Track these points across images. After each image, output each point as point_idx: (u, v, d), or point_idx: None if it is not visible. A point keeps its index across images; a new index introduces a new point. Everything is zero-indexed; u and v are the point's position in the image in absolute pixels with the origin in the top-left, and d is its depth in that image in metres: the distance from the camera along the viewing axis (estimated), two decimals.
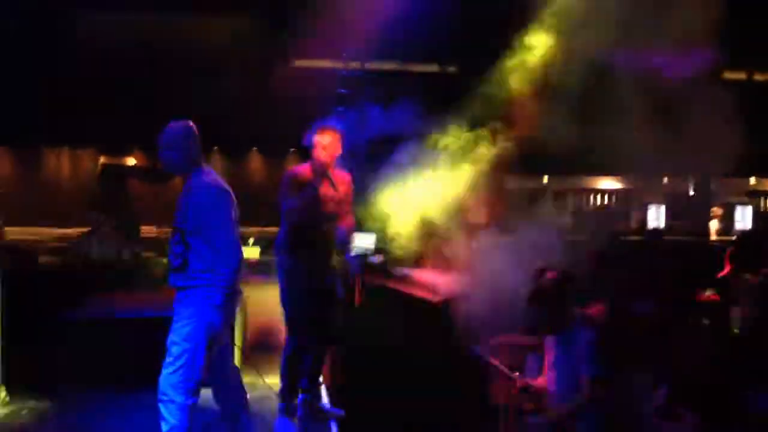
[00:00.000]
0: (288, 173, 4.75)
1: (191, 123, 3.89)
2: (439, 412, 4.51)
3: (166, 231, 12.93)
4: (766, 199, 15.16)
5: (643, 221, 12.44)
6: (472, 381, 4.56)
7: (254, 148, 15.04)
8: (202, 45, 12.19)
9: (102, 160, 14.24)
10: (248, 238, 8.21)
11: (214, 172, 3.95)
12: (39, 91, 11.07)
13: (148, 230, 11.02)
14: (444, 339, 4.74)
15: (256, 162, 15.25)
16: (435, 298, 5.32)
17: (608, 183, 13.06)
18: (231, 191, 3.90)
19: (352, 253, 6.16)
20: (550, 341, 3.95)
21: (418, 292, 5.54)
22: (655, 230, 10.18)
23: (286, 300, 4.68)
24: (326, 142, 4.62)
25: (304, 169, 4.70)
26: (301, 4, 9.36)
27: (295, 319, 4.66)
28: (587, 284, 4.57)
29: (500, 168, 6.28)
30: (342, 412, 4.84)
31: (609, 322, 4.17)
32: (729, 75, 11.24)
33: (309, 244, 4.65)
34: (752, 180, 14.78)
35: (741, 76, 11.74)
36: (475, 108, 6.60)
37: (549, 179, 12.23)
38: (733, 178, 14.27)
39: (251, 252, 8.04)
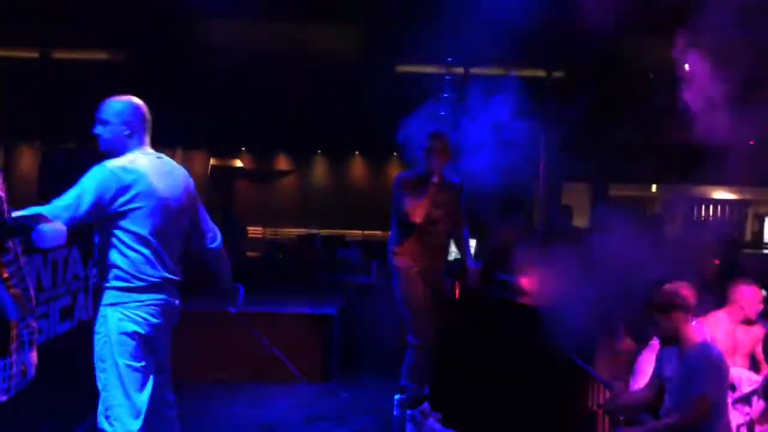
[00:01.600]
0: (400, 177, 4.85)
1: (138, 101, 3.24)
2: (533, 414, 4.51)
3: (273, 231, 13.45)
4: None
5: (759, 233, 11.86)
6: (566, 385, 4.54)
7: (357, 152, 15.30)
8: (308, 52, 12.54)
9: (212, 161, 14.87)
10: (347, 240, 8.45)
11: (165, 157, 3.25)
12: (156, 95, 11.70)
13: (254, 230, 11.43)
14: (539, 342, 4.74)
15: (358, 166, 15.51)
16: (532, 302, 5.32)
17: (721, 194, 12.54)
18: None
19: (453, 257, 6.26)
20: (665, 353, 3.86)
21: (516, 297, 5.55)
22: None
23: (403, 302, 4.78)
24: (438, 148, 4.71)
25: (415, 174, 4.80)
26: (404, 10, 9.51)
27: (415, 321, 4.76)
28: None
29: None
30: (439, 416, 4.92)
31: None
32: None
33: (423, 247, 4.75)
34: None
35: None
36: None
37: (657, 188, 11.87)
38: None
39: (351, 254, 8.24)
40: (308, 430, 4.81)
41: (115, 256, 3.00)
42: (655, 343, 4.10)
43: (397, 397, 4.85)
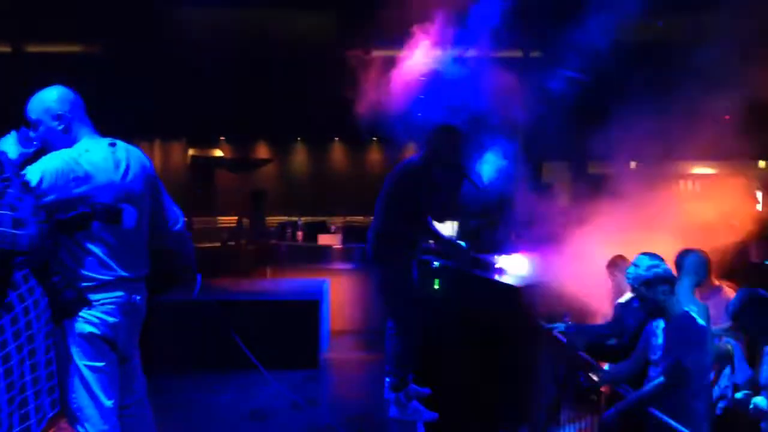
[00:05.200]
0: (413, 168, 4.79)
1: (63, 90, 3.02)
2: (517, 389, 4.55)
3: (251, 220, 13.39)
4: None
5: None
6: (549, 362, 4.58)
7: (336, 139, 15.25)
8: (283, 38, 12.44)
9: (191, 152, 14.76)
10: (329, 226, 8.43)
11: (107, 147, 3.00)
12: (131, 84, 11.55)
13: (232, 220, 11.38)
14: (523, 321, 4.77)
15: (338, 152, 15.47)
16: (517, 282, 5.35)
17: (701, 169, 12.63)
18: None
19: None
20: (651, 326, 3.89)
21: (501, 277, 5.57)
22: None
23: (399, 292, 4.76)
24: (450, 140, 4.73)
25: (423, 163, 4.77)
26: None
27: (408, 310, 4.76)
28: None
29: None
30: (429, 391, 4.94)
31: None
32: None
33: (418, 236, 4.79)
34: None
35: None
36: None
37: (637, 165, 11.87)
38: None
39: (331, 239, 8.23)
40: (297, 416, 4.81)
41: (64, 256, 2.83)
42: None
43: (387, 380, 4.86)
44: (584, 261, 5.29)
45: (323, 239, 8.42)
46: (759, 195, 11.26)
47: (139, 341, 3.12)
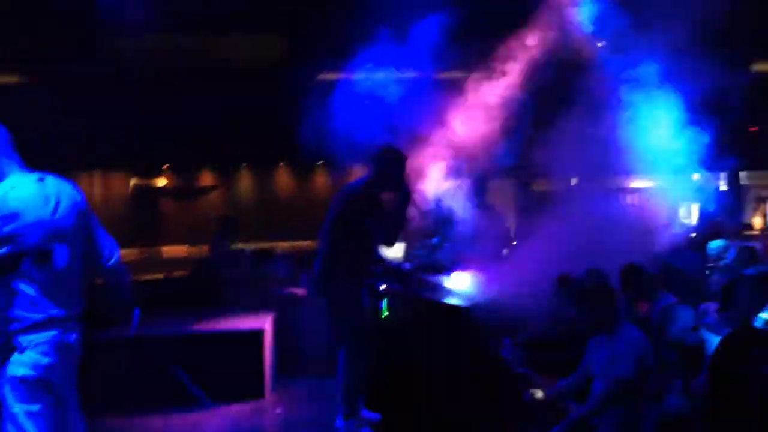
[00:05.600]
0: (363, 191, 4.76)
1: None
2: (466, 412, 4.53)
3: (199, 249, 13.17)
4: None
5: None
6: (495, 381, 4.57)
7: (282, 163, 15.15)
8: (227, 63, 12.34)
9: (133, 182, 14.46)
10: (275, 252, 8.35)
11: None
12: (70, 114, 11.30)
13: (178, 250, 11.16)
14: (469, 341, 4.77)
15: (284, 176, 15.37)
16: (462, 303, 5.35)
17: (638, 183, 12.93)
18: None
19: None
20: (594, 341, 3.91)
21: (447, 298, 5.57)
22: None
23: (351, 313, 4.69)
24: (395, 163, 4.73)
25: (372, 186, 4.74)
26: (325, 18, 9.44)
27: (361, 339, 4.70)
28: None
29: None
30: (379, 417, 4.87)
31: None
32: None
33: (368, 259, 4.75)
34: None
35: None
36: None
37: (579, 181, 12.11)
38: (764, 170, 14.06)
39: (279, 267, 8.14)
40: None
41: None
42: None
43: (337, 407, 4.78)
44: (530, 278, 5.33)
45: (270, 266, 8.30)
46: (691, 207, 11.59)
47: (76, 382, 3.01)
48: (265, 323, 6.09)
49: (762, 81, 10.67)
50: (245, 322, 6.10)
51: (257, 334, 5.84)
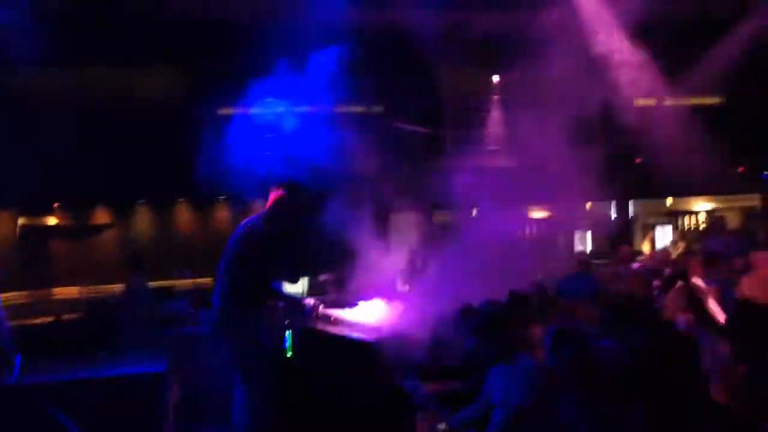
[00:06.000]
0: (263, 229, 4.67)
1: None
2: None
3: (93, 289, 12.60)
4: (682, 218, 15.82)
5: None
6: (401, 418, 4.55)
7: (181, 199, 14.78)
8: (125, 98, 12.00)
9: (21, 221, 13.73)
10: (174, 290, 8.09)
11: None
12: None
13: (70, 292, 10.66)
14: (375, 377, 4.73)
15: (184, 212, 14.98)
16: (366, 337, 5.31)
17: (536, 212, 13.38)
18: None
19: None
20: (493, 370, 3.95)
21: (350, 332, 5.52)
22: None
23: (252, 352, 4.57)
24: (293, 197, 4.72)
25: (262, 222, 4.66)
26: (224, 53, 9.36)
27: (263, 371, 4.58)
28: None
29: None
30: None
31: None
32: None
33: (268, 296, 4.66)
34: (669, 201, 15.40)
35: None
36: None
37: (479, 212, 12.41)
38: (652, 199, 14.87)
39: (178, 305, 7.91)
40: None
41: None
42: None
43: None
44: (433, 309, 5.35)
45: (170, 305, 8.06)
46: (588, 234, 12.09)
47: None
48: (164, 365, 5.84)
49: (646, 115, 11.32)
50: (142, 365, 5.83)
51: (155, 378, 5.58)
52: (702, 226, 15.11)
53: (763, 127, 11.51)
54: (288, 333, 5.57)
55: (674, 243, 13.01)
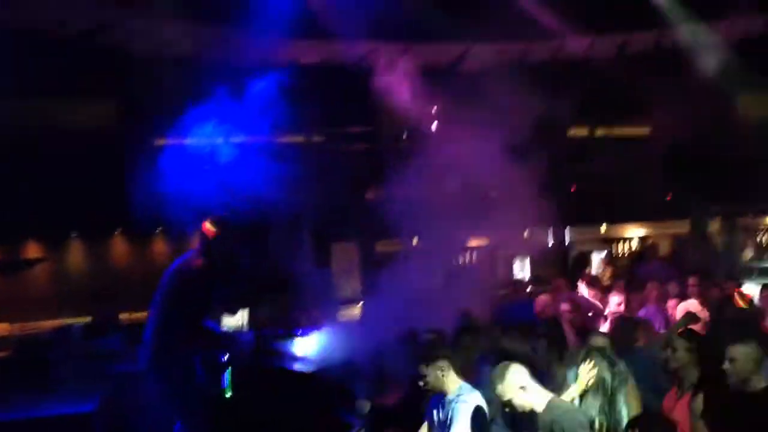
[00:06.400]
0: (199, 267, 4.59)
1: None
2: None
3: (23, 326, 12.13)
4: (616, 244, 16.26)
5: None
6: None
7: (117, 231, 14.44)
8: (58, 129, 11.72)
9: None
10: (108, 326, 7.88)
11: None
12: None
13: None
14: (316, 409, 4.68)
15: (120, 245, 14.63)
16: (308, 369, 5.27)
17: (477, 240, 13.55)
18: None
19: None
20: (433, 400, 3.94)
21: (291, 365, 5.47)
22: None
23: (185, 391, 4.46)
24: (228, 231, 4.63)
25: (196, 258, 4.60)
26: (158, 84, 9.24)
27: (197, 410, 4.48)
28: None
29: None
30: None
31: None
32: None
33: (203, 332, 4.60)
34: (603, 227, 15.82)
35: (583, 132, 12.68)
36: None
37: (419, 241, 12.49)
38: (587, 226, 15.22)
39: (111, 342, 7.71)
40: None
41: None
42: None
43: None
44: (375, 338, 5.35)
45: (104, 341, 7.80)
46: (527, 261, 12.29)
47: None
48: (97, 404, 5.65)
49: (579, 145, 11.68)
50: (74, 405, 5.63)
51: (86, 418, 5.41)
52: (633, 252, 15.56)
53: (687, 156, 11.98)
54: (227, 370, 5.48)
55: (602, 270, 13.41)
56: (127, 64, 9.61)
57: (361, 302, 7.31)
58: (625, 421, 3.47)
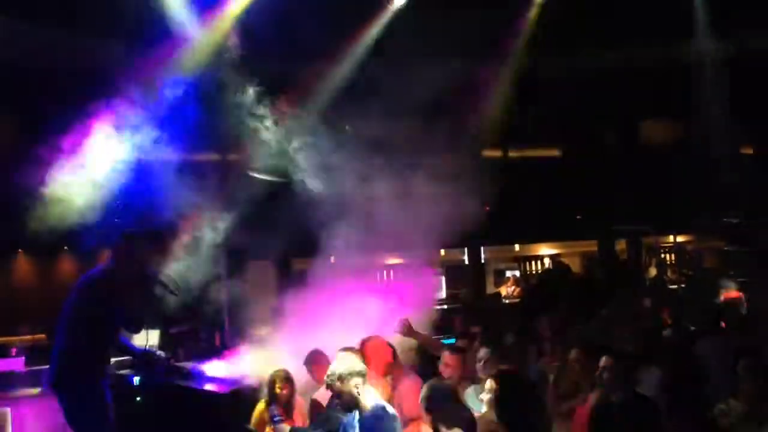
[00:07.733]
0: (92, 280, 4.46)
1: None
2: None
3: None
4: (528, 263, 16.73)
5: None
6: None
7: (20, 250, 13.83)
8: None
9: None
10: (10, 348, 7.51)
11: None
12: None
13: None
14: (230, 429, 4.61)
15: (23, 264, 14.01)
16: (222, 389, 5.18)
17: (393, 259, 13.63)
18: None
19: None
20: (350, 419, 3.92)
21: (203, 385, 5.36)
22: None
23: (93, 413, 4.33)
24: (137, 248, 4.60)
25: (103, 275, 4.47)
26: (61, 96, 8.94)
27: (109, 429, 4.32)
28: None
29: None
30: None
31: None
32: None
33: (112, 351, 4.47)
34: (516, 247, 16.24)
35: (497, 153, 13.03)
36: None
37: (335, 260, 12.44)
38: (500, 246, 15.58)
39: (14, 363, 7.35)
40: None
41: None
42: None
43: None
44: (287, 357, 5.31)
45: (3, 363, 7.41)
46: (443, 281, 12.47)
47: None
48: None
49: (492, 165, 11.97)
50: None
51: None
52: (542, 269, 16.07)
53: (596, 177, 12.46)
54: (138, 389, 5.34)
55: (512, 288, 13.85)
56: (26, 79, 9.28)
57: (276, 321, 7.23)
58: None
